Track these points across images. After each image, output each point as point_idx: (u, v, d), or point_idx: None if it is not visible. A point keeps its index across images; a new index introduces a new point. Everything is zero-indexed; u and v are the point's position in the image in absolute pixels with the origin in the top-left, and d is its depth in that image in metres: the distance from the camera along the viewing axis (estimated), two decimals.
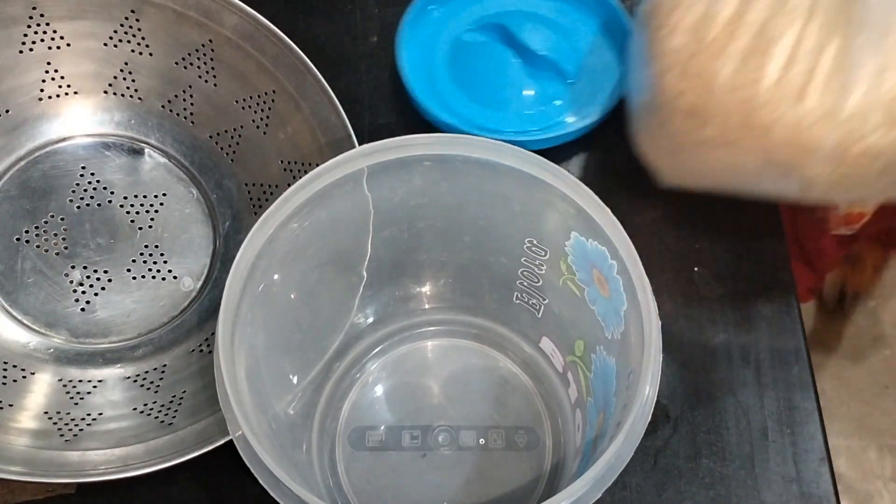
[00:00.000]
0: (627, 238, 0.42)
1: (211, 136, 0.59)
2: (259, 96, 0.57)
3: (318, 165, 0.57)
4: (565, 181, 0.44)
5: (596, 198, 0.43)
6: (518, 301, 0.53)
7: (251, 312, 0.43)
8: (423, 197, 0.48)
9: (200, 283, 0.58)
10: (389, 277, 0.53)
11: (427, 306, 0.56)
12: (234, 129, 0.59)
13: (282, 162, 0.58)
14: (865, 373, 1.26)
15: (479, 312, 0.56)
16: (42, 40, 0.55)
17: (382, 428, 0.52)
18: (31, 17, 0.54)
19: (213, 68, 0.57)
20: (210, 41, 0.57)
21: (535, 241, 0.48)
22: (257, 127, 0.58)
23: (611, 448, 0.38)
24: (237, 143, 0.59)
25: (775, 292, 0.60)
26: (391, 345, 0.55)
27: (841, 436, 1.20)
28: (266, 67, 0.56)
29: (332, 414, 0.53)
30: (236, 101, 0.58)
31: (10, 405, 0.50)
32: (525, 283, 0.51)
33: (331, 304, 0.52)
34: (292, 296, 0.47)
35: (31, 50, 0.55)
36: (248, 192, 0.59)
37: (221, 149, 0.59)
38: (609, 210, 0.43)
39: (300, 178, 0.57)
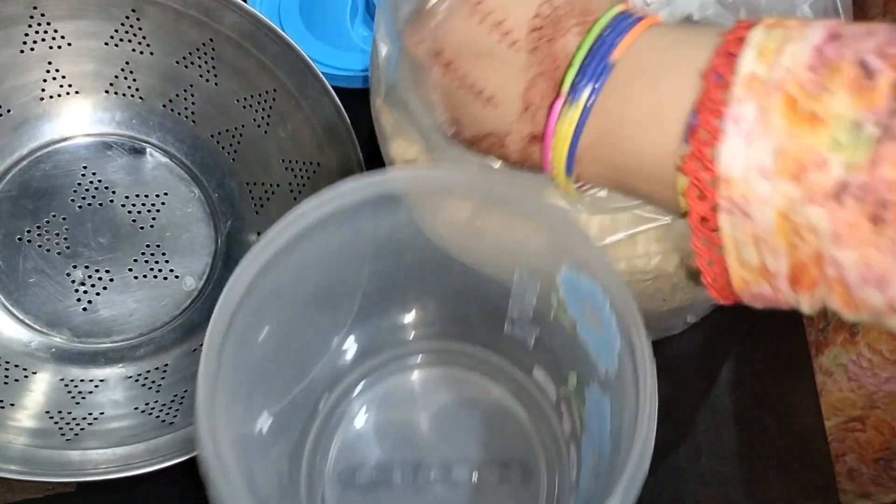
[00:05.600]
0: (620, 278, 0.40)
1: (212, 136, 0.59)
2: (260, 95, 0.57)
3: (318, 164, 0.57)
4: (555, 216, 0.42)
5: (587, 234, 0.42)
6: (508, 331, 0.51)
7: (234, 367, 0.41)
8: (409, 229, 0.47)
9: (202, 282, 0.58)
10: (376, 309, 0.51)
11: (415, 334, 0.54)
12: (236, 129, 0.59)
13: (283, 161, 0.58)
14: None
15: (470, 339, 0.54)
16: (43, 40, 0.55)
17: (373, 464, 0.51)
18: (31, 17, 0.54)
19: (213, 67, 0.57)
20: (210, 40, 0.56)
21: (525, 274, 0.47)
22: (258, 126, 0.58)
23: None
24: (238, 143, 0.59)
25: None
26: (379, 377, 0.53)
27: None
28: (267, 66, 0.56)
29: (321, 453, 0.51)
30: (237, 101, 0.58)
31: (12, 404, 0.50)
32: (515, 314, 0.50)
33: (316, 342, 0.50)
34: (275, 340, 0.45)
35: (31, 49, 0.55)
36: (250, 192, 0.59)
37: (223, 148, 0.59)
38: (601, 248, 0.41)
39: (301, 178, 0.57)
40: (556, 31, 0.31)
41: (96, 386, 0.53)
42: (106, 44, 0.57)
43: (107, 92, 0.58)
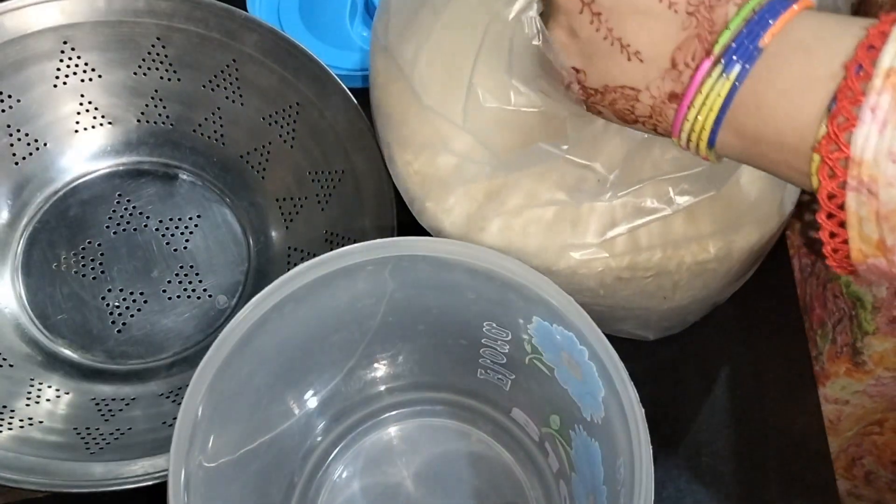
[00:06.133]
0: (597, 329, 0.39)
1: (242, 156, 0.59)
2: (284, 110, 0.57)
3: (343, 171, 0.56)
4: (519, 272, 0.41)
5: (556, 287, 0.40)
6: (483, 376, 0.49)
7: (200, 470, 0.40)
8: (369, 298, 0.46)
9: (235, 300, 0.57)
10: (343, 371, 0.50)
11: (385, 387, 0.52)
12: (263, 146, 0.59)
13: (310, 173, 0.57)
14: None
15: (443, 388, 0.52)
16: (74, 73, 0.57)
17: None
18: (62, 52, 0.56)
19: (238, 87, 0.58)
20: (234, 60, 0.57)
21: (494, 325, 0.45)
22: (284, 141, 0.58)
23: None
24: (266, 160, 0.59)
25: (777, 292, 0.59)
26: (354, 438, 0.51)
27: None
28: (288, 80, 0.57)
29: None
30: (262, 118, 0.58)
31: (41, 422, 0.50)
32: (488, 361, 0.48)
33: (288, 420, 0.49)
34: (243, 432, 0.45)
35: (64, 84, 0.57)
36: (280, 207, 0.58)
37: (252, 167, 0.59)
38: (572, 299, 0.40)
39: (328, 187, 0.57)
40: (715, 0, 0.33)
41: (127, 404, 0.52)
42: (135, 73, 0.58)
43: (138, 121, 0.59)
